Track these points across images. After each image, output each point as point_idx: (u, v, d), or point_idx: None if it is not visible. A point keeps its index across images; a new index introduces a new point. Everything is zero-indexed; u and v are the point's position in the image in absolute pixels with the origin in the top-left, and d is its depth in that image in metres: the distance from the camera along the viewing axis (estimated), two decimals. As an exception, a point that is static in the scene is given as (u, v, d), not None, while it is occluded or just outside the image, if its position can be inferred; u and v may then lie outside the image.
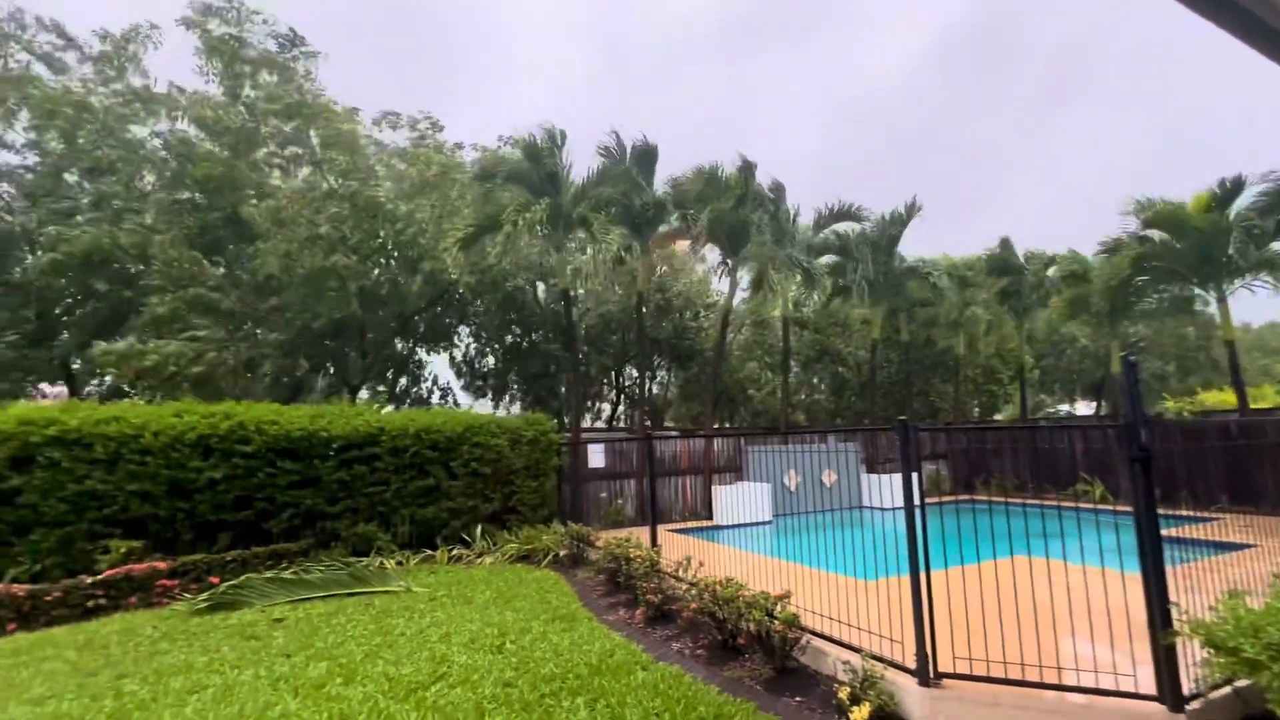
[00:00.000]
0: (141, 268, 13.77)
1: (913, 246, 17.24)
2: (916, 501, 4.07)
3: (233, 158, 14.55)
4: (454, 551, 9.36)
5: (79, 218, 13.63)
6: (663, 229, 13.91)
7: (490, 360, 20.34)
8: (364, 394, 18.39)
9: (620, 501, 12.46)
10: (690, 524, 11.87)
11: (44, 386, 17.04)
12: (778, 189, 14.56)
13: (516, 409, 20.46)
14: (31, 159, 15.35)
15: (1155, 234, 13.16)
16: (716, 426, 19.54)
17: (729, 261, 14.04)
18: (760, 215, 13.90)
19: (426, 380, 20.00)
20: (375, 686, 4.34)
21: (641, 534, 8.60)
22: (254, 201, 14.47)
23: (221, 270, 14.98)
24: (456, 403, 19.91)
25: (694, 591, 5.45)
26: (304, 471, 8.67)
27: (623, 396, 21.73)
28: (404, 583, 7.50)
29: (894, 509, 11.65)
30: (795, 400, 20.95)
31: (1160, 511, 3.59)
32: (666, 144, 13.73)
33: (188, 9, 15.20)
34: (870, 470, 14.63)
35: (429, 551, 9.31)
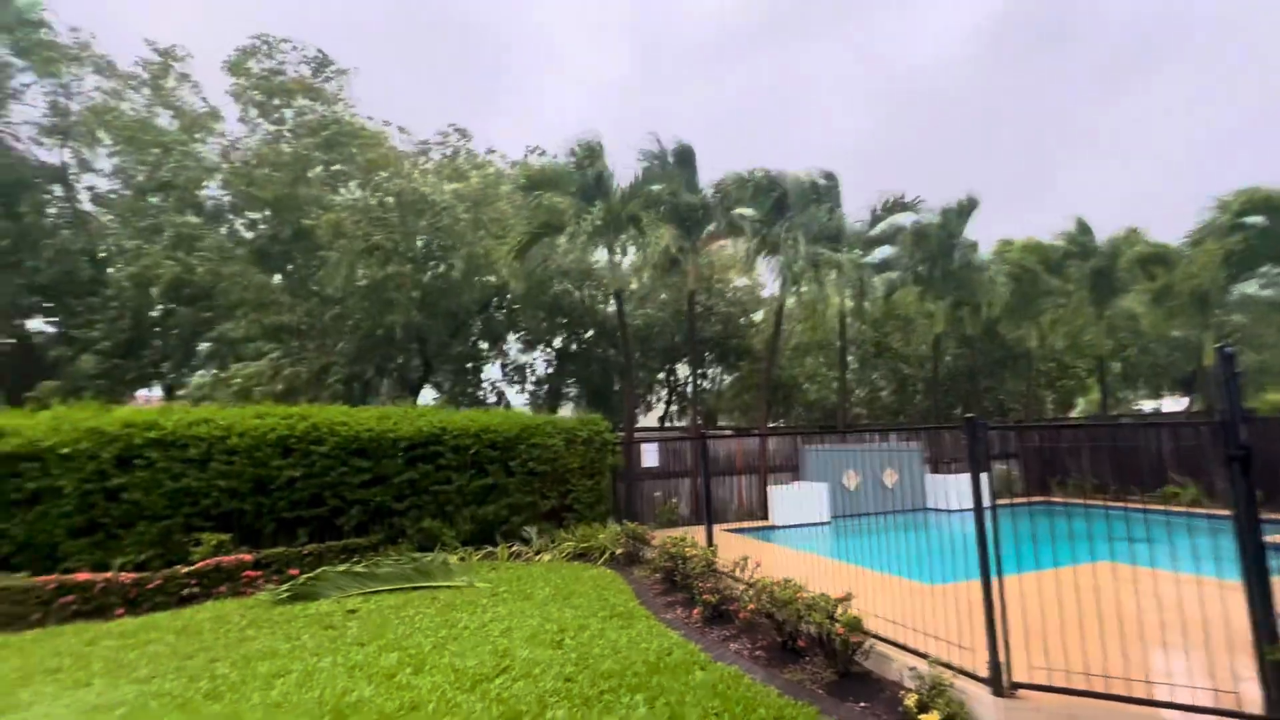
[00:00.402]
0: (216, 288, 14.78)
1: (976, 232, 16.35)
2: (986, 503, 3.90)
3: (290, 181, 15.43)
4: (513, 548, 9.60)
5: (157, 244, 14.81)
6: (710, 228, 13.84)
7: (541, 363, 20.76)
8: (425, 395, 19.11)
9: (674, 501, 12.47)
10: (746, 524, 11.77)
11: (140, 391, 18.54)
12: (829, 181, 14.22)
13: (569, 410, 20.80)
14: (103, 182, 16.83)
15: (1256, 219, 12.12)
16: (771, 425, 19.26)
17: (778, 259, 13.84)
18: (813, 211, 13.62)
19: (483, 382, 20.61)
20: (443, 677, 4.51)
21: (697, 533, 8.58)
22: (314, 215, 15.26)
23: (280, 280, 15.92)
24: (508, 404, 20.43)
25: (751, 592, 5.40)
26: (373, 470, 9.10)
27: (674, 396, 21.72)
28: (467, 578, 7.75)
29: (960, 511, 11.18)
30: (854, 397, 20.40)
31: (1263, 515, 3.31)
32: (713, 139, 14.00)
33: (227, 56, 16.29)
34: (934, 470, 14.08)
35: (489, 548, 9.59)
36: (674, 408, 21.89)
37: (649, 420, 22.14)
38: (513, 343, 20.35)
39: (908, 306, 17.81)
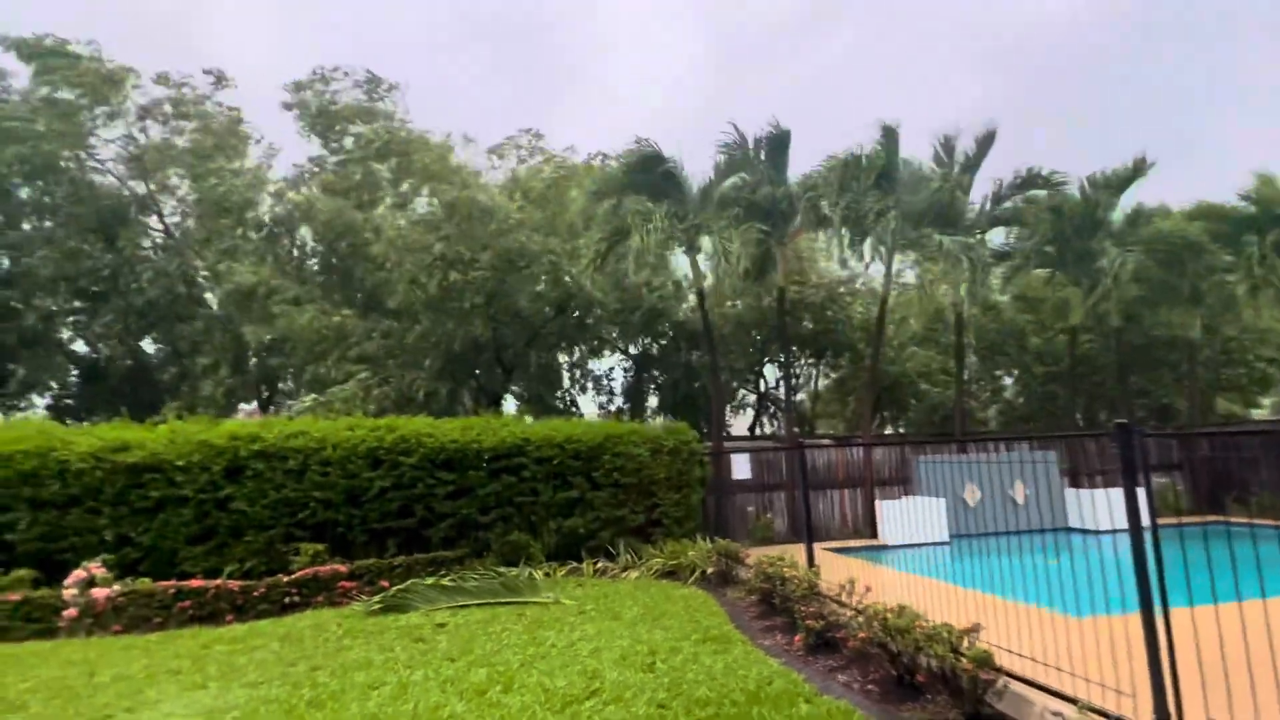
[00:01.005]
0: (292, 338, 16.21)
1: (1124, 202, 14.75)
2: (1146, 522, 3.55)
3: (356, 207, 16.69)
4: (598, 564, 9.79)
5: (239, 262, 16.48)
6: (800, 218, 13.53)
7: (619, 369, 21.06)
8: (506, 405, 19.90)
9: (769, 516, 12.28)
10: (851, 543, 11.42)
11: (242, 405, 20.61)
12: (940, 154, 13.51)
13: (651, 419, 20.94)
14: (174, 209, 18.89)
15: None
16: (878, 432, 18.50)
17: (880, 248, 13.31)
18: (925, 188, 13.00)
19: (561, 391, 21.17)
20: (532, 697, 4.67)
21: (796, 552, 8.38)
22: (372, 234, 16.36)
23: (349, 309, 17.23)
24: (582, 413, 20.88)
25: (861, 619, 5.21)
26: (458, 482, 9.59)
27: (765, 401, 21.35)
28: (552, 594, 7.98)
29: (1110, 532, 10.23)
30: (975, 400, 19.19)
31: None
32: (799, 119, 13.32)
33: (286, 94, 17.82)
34: (1074, 484, 12.97)
35: (574, 563, 9.82)
36: (764, 414, 21.54)
37: (737, 428, 21.90)
38: (587, 349, 20.81)
39: (1038, 293, 16.58)
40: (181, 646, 6.54)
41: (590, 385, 21.29)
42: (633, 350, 20.34)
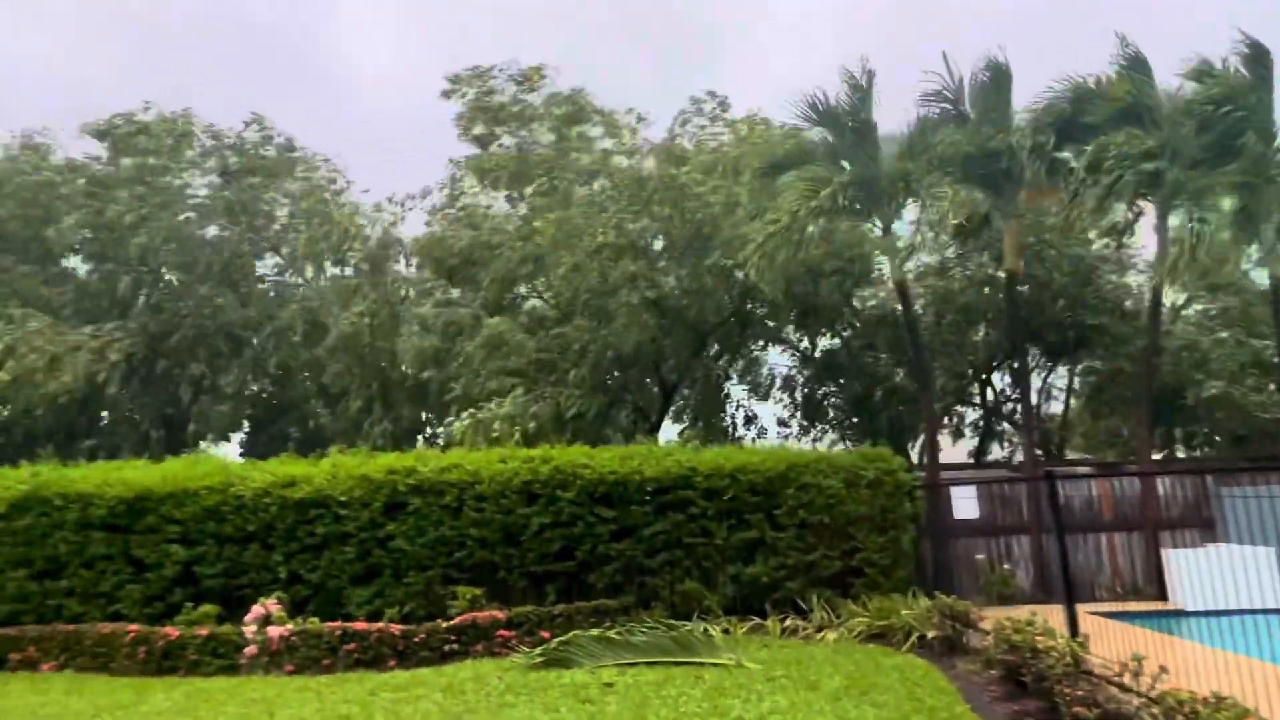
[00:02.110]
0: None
1: None
2: None
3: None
4: (786, 621, 9.55)
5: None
6: (1028, 177, 12.38)
7: (798, 380, 20.54)
8: (666, 431, 20.28)
9: (1007, 567, 11.39)
10: (1129, 605, 10.36)
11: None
12: (1253, 62, 11.65)
13: (831, 440, 20.16)
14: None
15: None
16: (1165, 455, 16.31)
17: (1153, 204, 11.75)
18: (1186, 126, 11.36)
19: (730, 411, 21.11)
20: (717, 778, 4.62)
21: (1050, 615, 7.59)
22: (539, 225, 17.42)
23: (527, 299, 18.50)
24: (755, 437, 20.63)
25: (1156, 710, 4.55)
26: (619, 519, 9.92)
27: (993, 419, 19.67)
28: (734, 655, 7.90)
29: None
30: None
31: None
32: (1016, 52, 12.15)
33: (455, 104, 19.70)
34: None
35: (756, 619, 9.67)
36: (991, 435, 19.86)
37: (954, 453, 20.37)
38: (754, 353, 20.59)
39: None
40: (349, 691, 7.40)
41: (762, 397, 21.03)
42: (815, 353, 19.78)
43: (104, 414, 21.82)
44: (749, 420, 21.09)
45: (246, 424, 23.92)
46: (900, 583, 10.13)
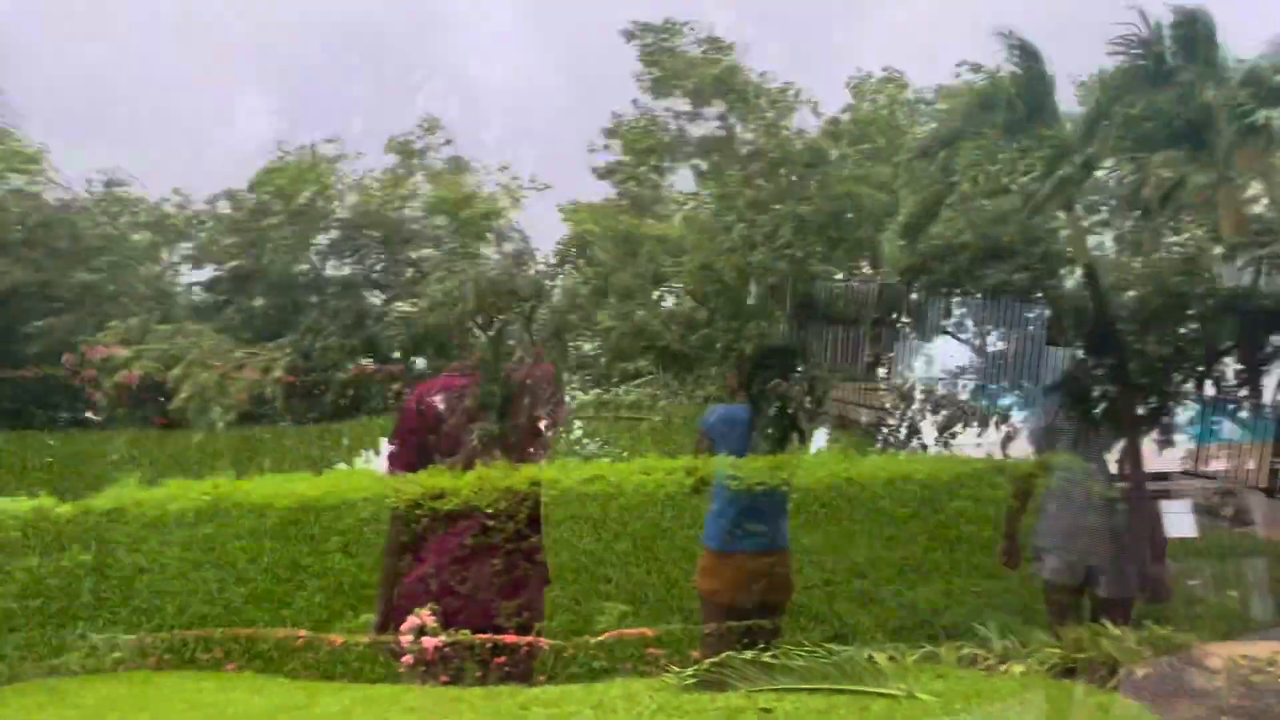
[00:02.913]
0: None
1: None
2: None
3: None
4: (962, 650, 8.91)
5: None
6: (1232, 139, 10.97)
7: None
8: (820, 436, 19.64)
9: (1233, 594, 10.05)
10: None
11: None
12: None
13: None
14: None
15: None
16: None
17: None
18: None
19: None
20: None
21: (1297, 654, 6.61)
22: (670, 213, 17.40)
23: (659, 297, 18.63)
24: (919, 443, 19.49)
25: None
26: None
27: (1213, 420, 17.57)
28: (904, 686, 7.42)
29: None
30: None
31: None
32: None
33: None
34: None
35: (928, 647, 9.08)
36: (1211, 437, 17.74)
37: (1162, 461, 18.43)
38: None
39: None
40: (502, 705, 7.60)
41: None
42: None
43: (270, 429, 24.28)
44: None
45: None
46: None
